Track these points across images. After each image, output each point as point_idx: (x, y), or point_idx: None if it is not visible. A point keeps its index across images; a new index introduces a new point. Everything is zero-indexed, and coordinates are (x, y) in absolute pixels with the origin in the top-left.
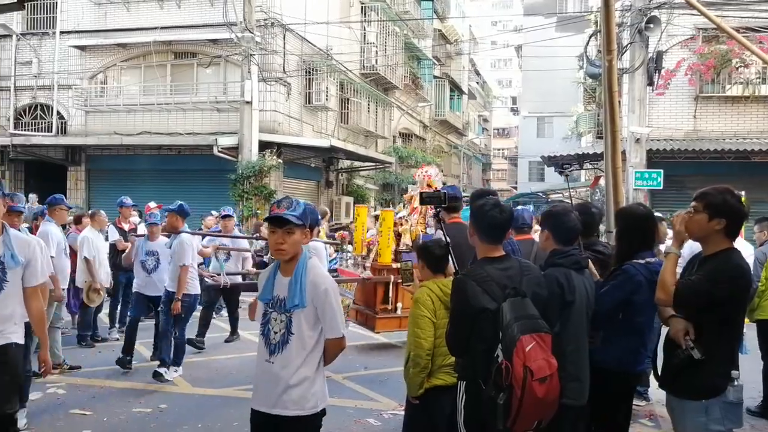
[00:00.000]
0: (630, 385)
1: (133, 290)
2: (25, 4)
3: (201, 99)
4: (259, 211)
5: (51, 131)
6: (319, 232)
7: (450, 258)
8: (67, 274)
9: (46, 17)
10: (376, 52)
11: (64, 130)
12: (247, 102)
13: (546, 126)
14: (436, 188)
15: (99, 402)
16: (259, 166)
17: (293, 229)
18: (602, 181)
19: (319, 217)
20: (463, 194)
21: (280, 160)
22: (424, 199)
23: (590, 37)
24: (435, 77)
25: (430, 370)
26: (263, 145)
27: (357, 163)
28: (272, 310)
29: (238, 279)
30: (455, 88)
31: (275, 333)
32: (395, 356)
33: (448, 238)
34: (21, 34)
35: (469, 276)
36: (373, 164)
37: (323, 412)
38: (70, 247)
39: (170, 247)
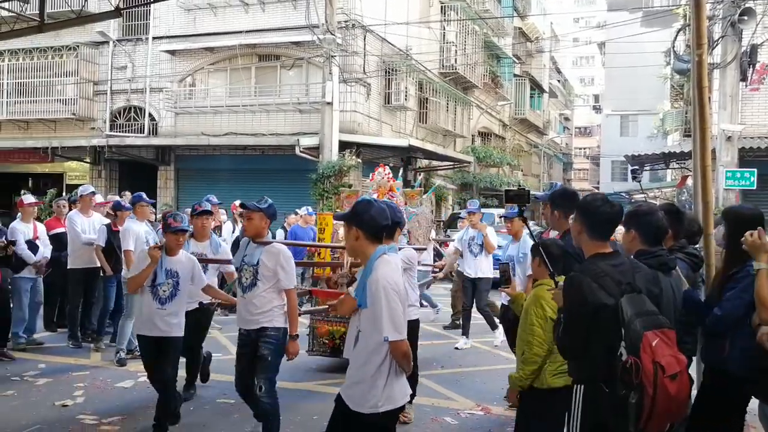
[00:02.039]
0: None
1: (136, 333)
2: (122, 12)
3: (284, 100)
4: (338, 210)
5: (143, 132)
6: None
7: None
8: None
9: (140, 24)
10: (456, 51)
11: (155, 131)
12: (328, 103)
13: (630, 124)
14: (394, 190)
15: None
16: (339, 166)
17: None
18: (690, 181)
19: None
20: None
21: (359, 160)
22: (510, 197)
23: (678, 32)
24: (515, 76)
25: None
26: (343, 145)
27: (435, 163)
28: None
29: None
30: (536, 86)
31: (355, 328)
32: (473, 356)
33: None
34: (117, 40)
35: (584, 272)
36: (452, 164)
37: (387, 414)
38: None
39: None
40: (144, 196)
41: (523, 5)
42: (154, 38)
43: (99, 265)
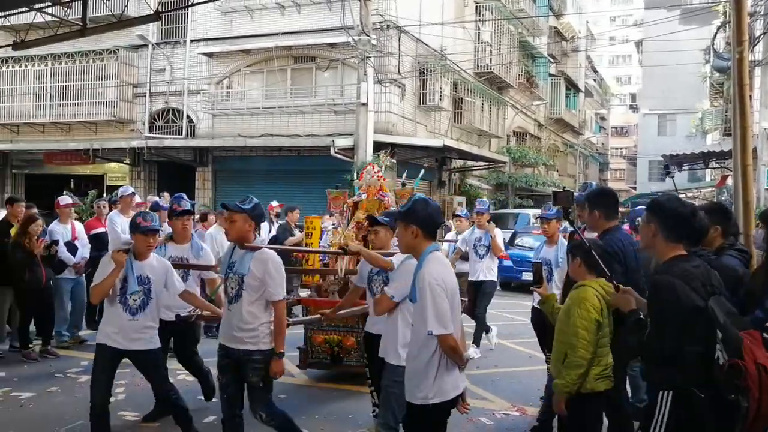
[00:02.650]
0: None
1: (97, 341)
2: (161, 16)
3: (319, 101)
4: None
5: (181, 134)
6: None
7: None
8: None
9: (178, 27)
10: (491, 51)
11: (193, 132)
12: (363, 104)
13: (668, 123)
14: (384, 189)
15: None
16: None
17: (398, 227)
18: (730, 181)
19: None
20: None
21: (393, 161)
22: (559, 198)
23: (718, 29)
24: (550, 75)
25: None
26: (378, 146)
27: (470, 163)
28: (410, 300)
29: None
30: (571, 86)
31: (412, 324)
32: (508, 357)
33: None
34: (156, 43)
35: (673, 274)
36: (486, 164)
37: (437, 407)
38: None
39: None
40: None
41: (559, 4)
42: (191, 41)
43: None
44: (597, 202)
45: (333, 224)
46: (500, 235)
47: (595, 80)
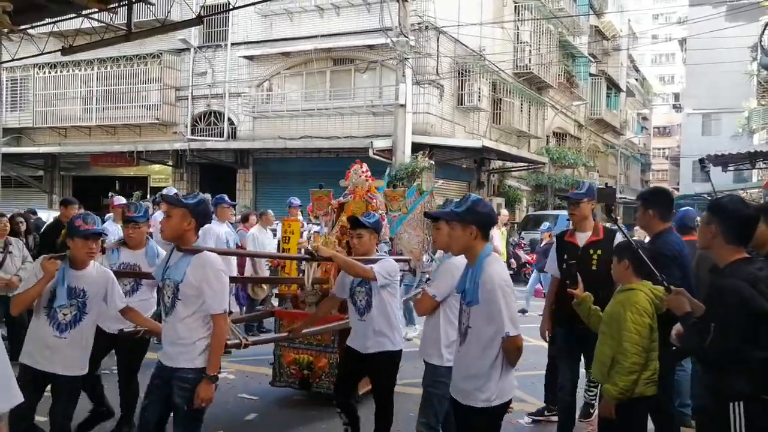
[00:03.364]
0: None
1: (20, 360)
2: (203, 20)
3: (358, 103)
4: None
5: (222, 136)
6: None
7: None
8: (233, 267)
9: (219, 31)
10: (530, 51)
11: (234, 135)
12: (401, 105)
13: (712, 123)
14: (374, 191)
15: (265, 388)
16: (412, 168)
17: (453, 226)
18: None
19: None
20: (620, 196)
21: (432, 162)
22: (604, 195)
23: (766, 25)
24: (591, 75)
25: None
26: (416, 147)
27: (509, 164)
28: (463, 300)
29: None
30: (612, 85)
31: (462, 324)
32: (546, 358)
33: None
34: (198, 47)
35: (739, 277)
36: (526, 165)
37: (499, 408)
38: (240, 244)
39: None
40: (226, 197)
41: (600, 3)
42: (232, 44)
43: None
44: (652, 202)
45: (315, 228)
46: (498, 236)
47: (636, 79)
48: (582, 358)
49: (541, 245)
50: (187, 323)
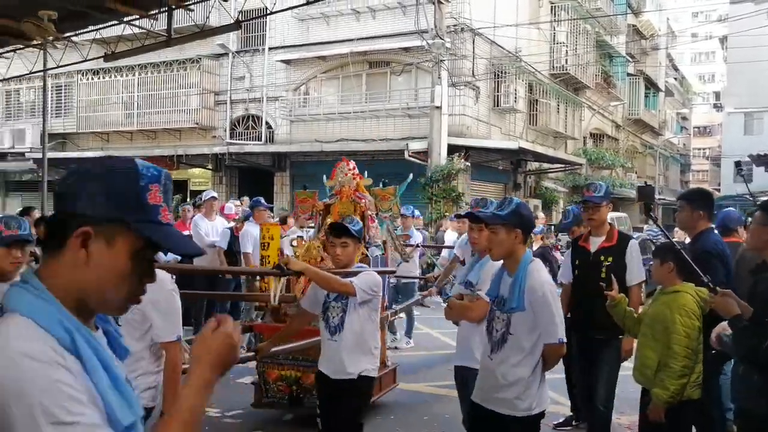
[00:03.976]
0: None
1: None
2: (241, 25)
3: (393, 106)
4: (447, 214)
5: (260, 140)
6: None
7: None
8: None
9: (257, 35)
10: (566, 52)
11: (272, 138)
12: (437, 107)
13: (755, 122)
14: (362, 189)
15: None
16: (448, 170)
17: (497, 229)
18: None
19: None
20: (659, 197)
21: (468, 163)
22: (644, 194)
23: None
24: (628, 75)
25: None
26: (452, 149)
27: (545, 165)
28: (496, 308)
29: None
30: (651, 85)
31: (497, 331)
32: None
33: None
34: (236, 52)
35: None
36: (562, 166)
37: (541, 415)
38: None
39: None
40: (262, 200)
41: (638, 2)
42: (270, 49)
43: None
44: (701, 203)
45: (298, 233)
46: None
47: (676, 79)
48: (597, 365)
49: (534, 249)
50: (133, 351)
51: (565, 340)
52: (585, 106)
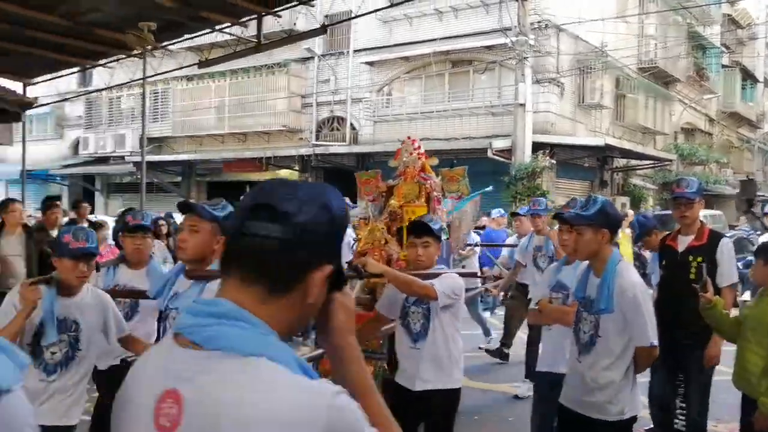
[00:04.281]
0: None
1: None
2: (327, 29)
3: (476, 104)
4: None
5: (345, 141)
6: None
7: None
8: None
9: (342, 39)
10: (656, 45)
11: (356, 139)
12: (521, 104)
13: None
14: (428, 170)
15: None
16: (532, 168)
17: (582, 230)
18: None
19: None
20: (760, 193)
21: (552, 161)
22: (745, 188)
23: None
24: (723, 66)
25: None
26: (536, 147)
27: (633, 162)
28: (583, 309)
29: None
30: (748, 76)
31: (584, 333)
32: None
33: None
34: (321, 55)
35: None
36: (651, 162)
37: (633, 420)
38: None
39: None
40: (348, 201)
41: None
42: (354, 51)
43: None
44: None
45: (359, 214)
46: (623, 239)
47: None
48: (686, 371)
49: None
50: None
51: (657, 343)
52: (675, 100)
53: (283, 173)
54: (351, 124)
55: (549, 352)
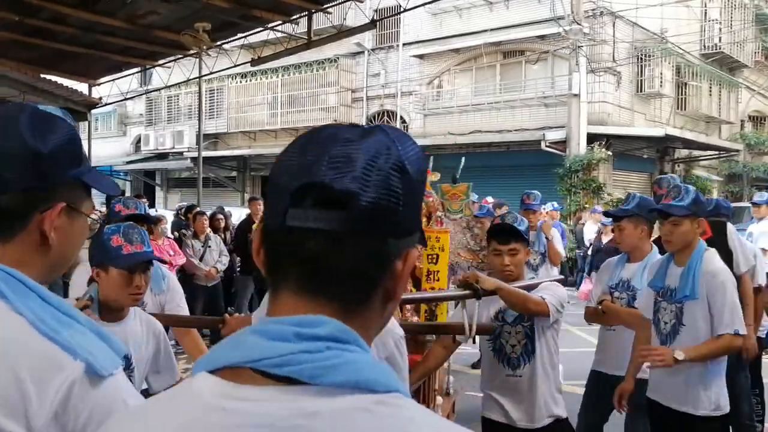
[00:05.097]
0: None
1: None
2: (376, 23)
3: (528, 95)
4: (587, 206)
5: None
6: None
7: None
8: None
9: (391, 32)
10: (720, 29)
11: (406, 132)
12: (575, 95)
13: None
14: (427, 187)
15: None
16: (588, 160)
17: (678, 221)
18: None
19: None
20: None
21: (609, 153)
22: None
23: None
24: None
25: None
26: (591, 138)
27: (696, 153)
28: (662, 299)
29: None
30: None
31: (665, 324)
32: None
33: None
34: (371, 49)
35: None
36: (716, 153)
37: (726, 418)
38: None
39: None
40: None
41: None
42: (404, 44)
43: None
44: None
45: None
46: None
47: None
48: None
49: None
50: None
51: (744, 332)
52: (742, 87)
53: None
54: (401, 118)
55: (614, 355)
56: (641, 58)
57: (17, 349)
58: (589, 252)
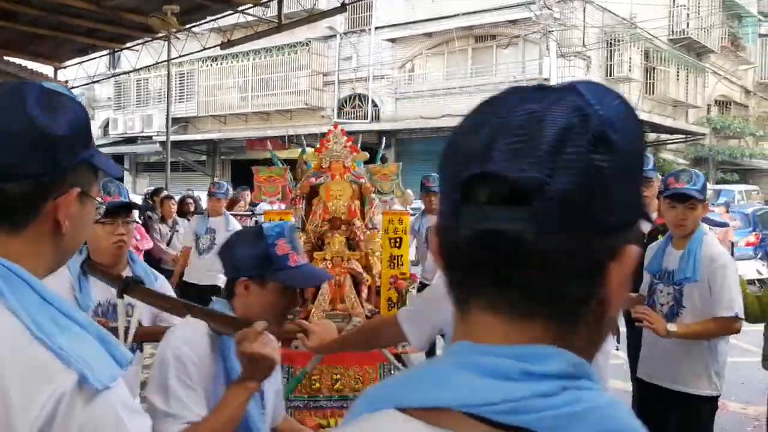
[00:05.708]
0: None
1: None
2: (347, 7)
3: (500, 79)
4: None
5: (366, 118)
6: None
7: None
8: None
9: (363, 16)
10: (688, 15)
11: (378, 116)
12: (545, 79)
13: None
14: (355, 167)
15: None
16: None
17: (695, 204)
18: None
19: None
20: None
21: None
22: None
23: None
24: (761, 35)
25: None
26: None
27: (664, 136)
28: (659, 281)
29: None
30: None
31: (661, 305)
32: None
33: None
34: (343, 33)
35: None
36: (683, 137)
37: (717, 399)
38: None
39: None
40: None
41: None
42: (376, 28)
43: None
44: None
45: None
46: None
47: None
48: None
49: None
50: None
51: (743, 315)
52: (709, 71)
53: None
54: (373, 102)
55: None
56: (611, 43)
57: (5, 353)
58: None
